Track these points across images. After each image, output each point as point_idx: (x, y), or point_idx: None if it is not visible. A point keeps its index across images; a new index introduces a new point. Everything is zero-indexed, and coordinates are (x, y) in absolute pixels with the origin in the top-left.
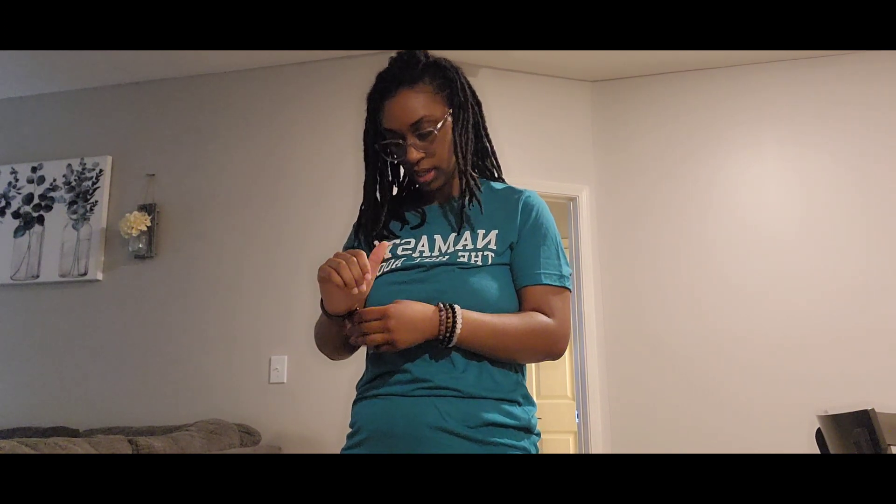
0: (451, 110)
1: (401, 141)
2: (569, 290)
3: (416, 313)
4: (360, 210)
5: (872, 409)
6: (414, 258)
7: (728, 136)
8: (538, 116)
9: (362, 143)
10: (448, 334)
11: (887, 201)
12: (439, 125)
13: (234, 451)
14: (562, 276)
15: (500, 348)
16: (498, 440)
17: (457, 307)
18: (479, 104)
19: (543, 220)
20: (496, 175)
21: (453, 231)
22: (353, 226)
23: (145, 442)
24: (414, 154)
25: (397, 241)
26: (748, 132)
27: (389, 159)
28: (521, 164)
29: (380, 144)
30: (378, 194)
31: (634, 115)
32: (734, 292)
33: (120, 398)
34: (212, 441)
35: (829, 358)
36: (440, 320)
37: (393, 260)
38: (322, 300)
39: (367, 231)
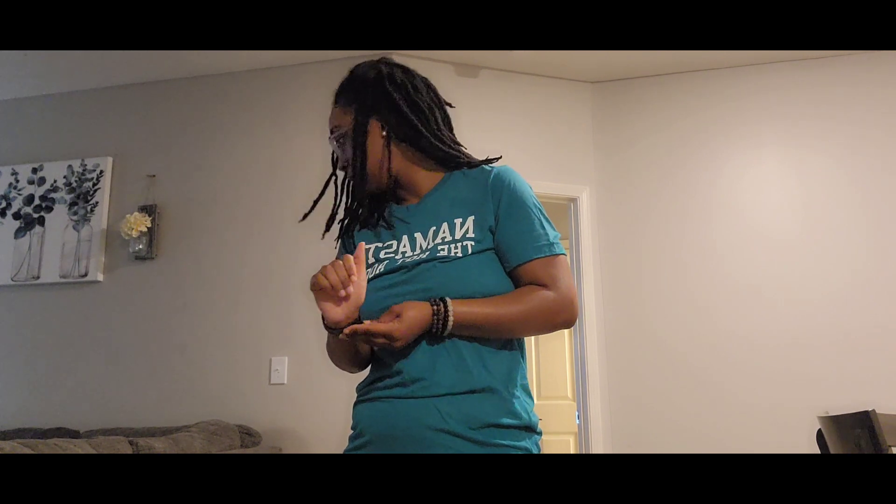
0: (357, 119)
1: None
2: (562, 254)
3: (415, 327)
4: (337, 217)
5: (873, 410)
6: (396, 260)
7: (729, 137)
8: (539, 117)
9: None
10: (441, 325)
11: (887, 202)
12: (343, 131)
13: (235, 451)
14: (551, 245)
15: (501, 330)
16: (499, 441)
17: (448, 300)
18: (413, 109)
19: (518, 193)
20: (464, 163)
21: (431, 225)
22: (337, 237)
23: (146, 443)
24: (340, 158)
25: (379, 245)
26: (749, 133)
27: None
28: (522, 165)
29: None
30: (341, 197)
31: (635, 116)
32: (735, 292)
33: (120, 399)
34: (212, 442)
35: (830, 358)
36: (433, 312)
37: (376, 265)
38: (322, 317)
39: (349, 230)
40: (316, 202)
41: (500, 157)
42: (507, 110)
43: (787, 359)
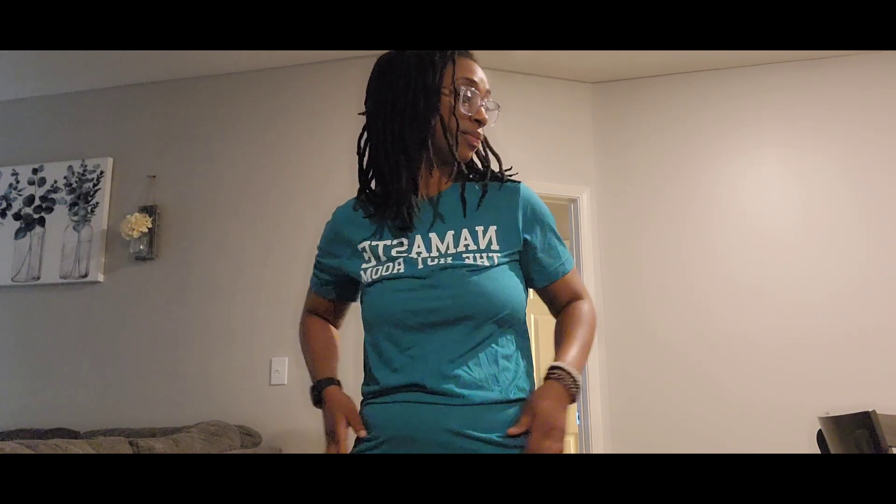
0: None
1: (474, 93)
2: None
3: (554, 411)
4: (392, 172)
5: (874, 411)
6: (414, 259)
7: (729, 138)
8: (539, 118)
9: (374, 92)
10: (577, 392)
11: (887, 202)
12: (496, 111)
13: (235, 452)
14: (570, 259)
15: (588, 355)
16: (522, 444)
17: (565, 367)
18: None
19: (546, 212)
20: (489, 175)
21: (449, 229)
22: (338, 221)
23: (146, 443)
24: (485, 114)
25: (388, 243)
26: (749, 134)
27: (458, 104)
28: (522, 166)
29: (458, 87)
30: (418, 146)
31: (635, 117)
32: (736, 292)
33: (120, 400)
34: (212, 442)
35: (830, 358)
36: (567, 391)
37: (390, 263)
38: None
39: (397, 212)
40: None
41: (516, 171)
42: (507, 111)
43: (787, 359)
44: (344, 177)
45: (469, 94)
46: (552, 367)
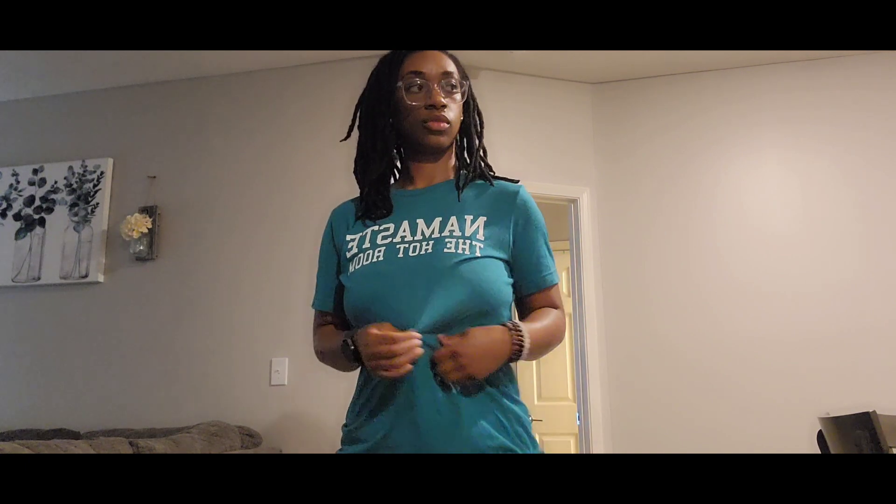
0: (465, 90)
1: (422, 82)
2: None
3: (485, 342)
4: (363, 174)
5: (874, 412)
6: (396, 245)
7: (730, 138)
8: (539, 118)
9: (357, 108)
10: (518, 352)
11: (887, 202)
12: (463, 89)
13: (235, 452)
14: (555, 270)
15: (545, 349)
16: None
17: (520, 324)
18: (479, 113)
19: (541, 220)
20: (488, 175)
21: (437, 216)
22: (337, 219)
23: (146, 444)
24: (440, 97)
25: (375, 229)
26: (750, 134)
27: (408, 101)
28: (521, 166)
29: (403, 83)
30: (380, 148)
31: (635, 117)
32: (736, 292)
33: (121, 400)
34: (213, 443)
35: (831, 358)
36: (511, 341)
37: (372, 250)
38: (354, 345)
39: (371, 197)
40: (352, 127)
41: (518, 180)
42: (506, 111)
43: (787, 359)
44: (344, 177)
45: (418, 85)
46: (512, 322)
